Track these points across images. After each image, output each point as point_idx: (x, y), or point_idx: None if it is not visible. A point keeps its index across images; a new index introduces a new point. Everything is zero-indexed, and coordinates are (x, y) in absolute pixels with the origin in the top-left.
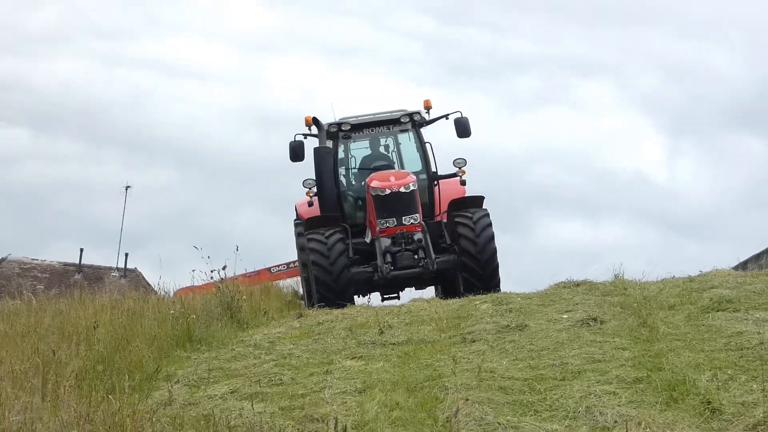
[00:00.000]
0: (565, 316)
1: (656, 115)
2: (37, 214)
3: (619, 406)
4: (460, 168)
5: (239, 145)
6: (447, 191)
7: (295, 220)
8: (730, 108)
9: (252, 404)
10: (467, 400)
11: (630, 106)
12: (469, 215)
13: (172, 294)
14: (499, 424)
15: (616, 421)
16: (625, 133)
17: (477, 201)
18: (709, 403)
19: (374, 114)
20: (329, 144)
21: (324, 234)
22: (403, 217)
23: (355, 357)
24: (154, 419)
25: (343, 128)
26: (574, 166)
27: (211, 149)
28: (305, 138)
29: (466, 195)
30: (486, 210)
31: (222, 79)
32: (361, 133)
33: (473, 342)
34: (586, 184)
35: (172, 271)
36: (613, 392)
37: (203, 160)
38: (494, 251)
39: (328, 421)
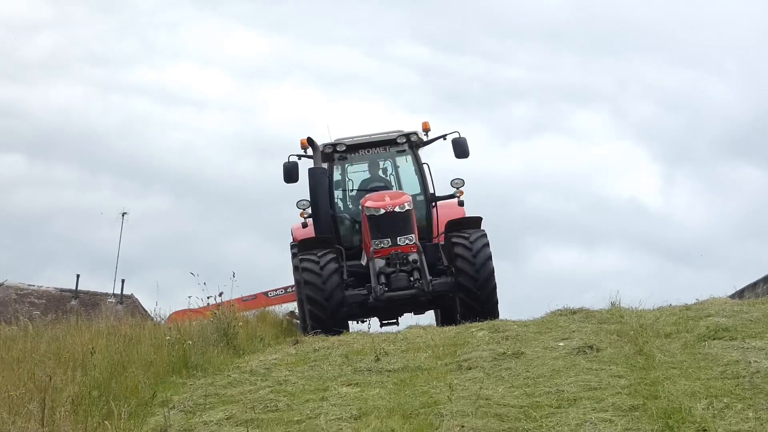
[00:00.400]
0: (561, 344)
1: (651, 143)
2: (32, 239)
3: None
4: (458, 188)
5: (235, 172)
6: (445, 213)
7: (291, 243)
8: (726, 136)
9: (248, 430)
10: (463, 427)
11: (625, 134)
12: (466, 236)
13: (167, 318)
14: None
15: None
16: (620, 160)
17: (474, 222)
18: (704, 431)
19: (370, 135)
20: (324, 165)
21: (317, 255)
22: (398, 238)
23: (351, 384)
24: None
25: (338, 149)
26: (569, 194)
27: (206, 176)
28: (299, 159)
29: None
30: (483, 231)
31: (218, 106)
32: (357, 154)
33: (469, 369)
34: (581, 211)
35: (168, 297)
36: (609, 420)
37: (199, 186)
38: (491, 272)
39: None
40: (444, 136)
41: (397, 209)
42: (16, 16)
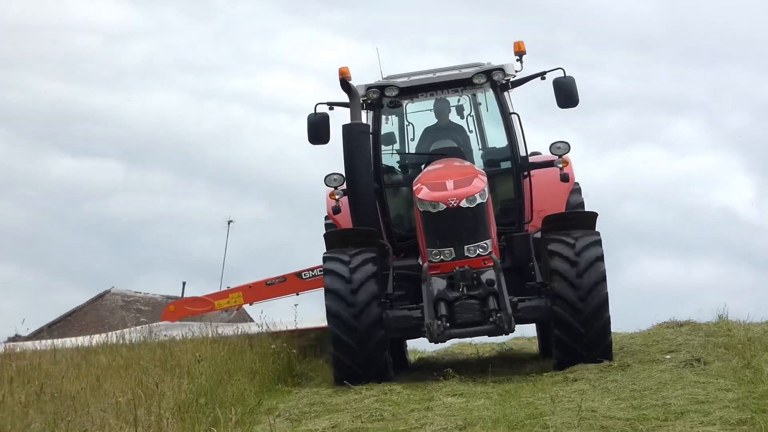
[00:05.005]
0: (668, 357)
1: (746, 153)
2: (130, 246)
3: None
4: (560, 156)
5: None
6: (542, 188)
7: (325, 216)
8: None
9: None
10: None
11: (720, 144)
12: (570, 242)
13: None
14: None
15: None
16: (715, 171)
17: (586, 219)
18: None
19: (435, 71)
20: (367, 120)
21: (348, 254)
22: (466, 246)
23: (456, 394)
24: None
25: (387, 93)
26: (664, 204)
27: (301, 184)
28: (331, 109)
29: (570, 206)
30: (597, 234)
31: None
32: (416, 97)
33: (575, 381)
34: (676, 222)
35: (271, 305)
36: None
37: (293, 194)
38: (604, 301)
39: None
40: (543, 75)
41: (464, 203)
42: (111, 24)
